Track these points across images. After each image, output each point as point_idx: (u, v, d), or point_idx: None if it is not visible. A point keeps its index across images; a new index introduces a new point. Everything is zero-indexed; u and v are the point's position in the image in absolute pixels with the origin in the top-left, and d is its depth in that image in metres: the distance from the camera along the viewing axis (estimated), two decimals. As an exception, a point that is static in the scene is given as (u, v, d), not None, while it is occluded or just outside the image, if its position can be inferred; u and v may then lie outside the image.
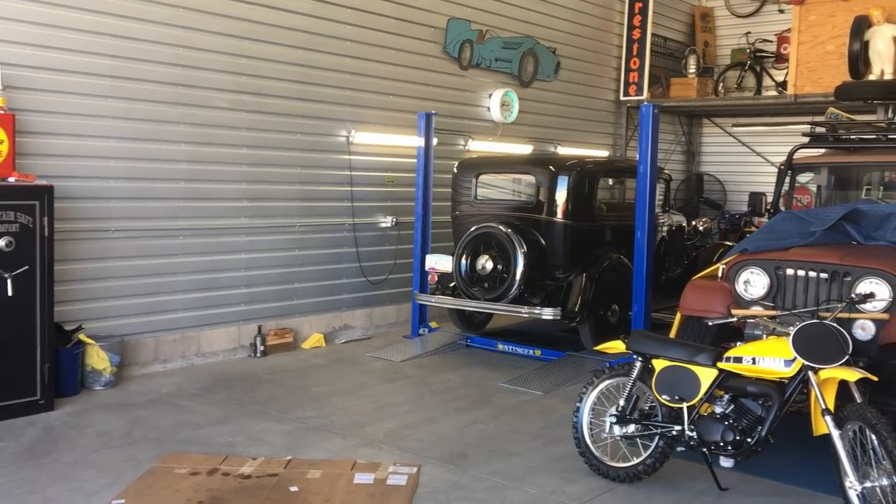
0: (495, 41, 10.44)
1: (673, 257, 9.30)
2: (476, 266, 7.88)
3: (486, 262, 7.79)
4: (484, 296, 7.82)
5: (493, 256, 7.78)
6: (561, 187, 7.83)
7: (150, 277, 7.20)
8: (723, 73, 13.19)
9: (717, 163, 14.21)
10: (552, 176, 7.88)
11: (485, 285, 7.83)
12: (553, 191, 7.84)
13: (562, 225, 7.83)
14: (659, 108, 7.33)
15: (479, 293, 7.86)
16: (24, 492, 4.56)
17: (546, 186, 7.89)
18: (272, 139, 8.05)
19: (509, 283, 7.65)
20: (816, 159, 7.51)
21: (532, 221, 7.93)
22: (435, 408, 6.38)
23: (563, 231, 7.83)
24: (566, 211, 7.83)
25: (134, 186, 7.04)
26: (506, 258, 7.70)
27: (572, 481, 4.94)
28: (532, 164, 8.47)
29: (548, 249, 7.86)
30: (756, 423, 4.54)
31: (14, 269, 5.70)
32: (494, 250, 7.79)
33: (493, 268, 7.76)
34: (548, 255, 7.87)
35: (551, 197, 7.85)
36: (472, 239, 7.94)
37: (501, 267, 7.73)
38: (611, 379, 5.07)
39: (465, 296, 7.99)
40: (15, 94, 6.16)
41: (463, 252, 7.98)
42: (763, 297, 5.46)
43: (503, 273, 7.72)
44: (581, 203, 7.92)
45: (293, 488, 4.66)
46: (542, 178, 7.97)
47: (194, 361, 7.52)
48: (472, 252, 7.93)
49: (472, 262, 7.93)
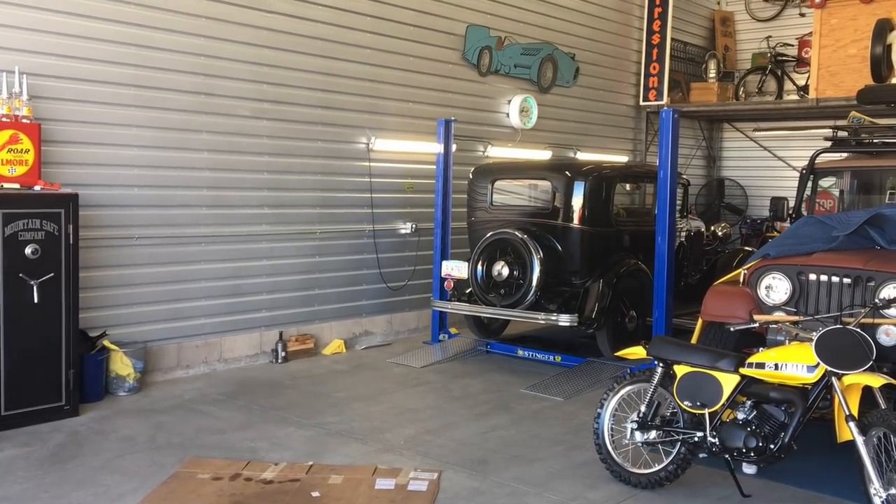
0: (514, 47, 10.46)
1: (692, 263, 9.21)
2: (492, 272, 7.86)
3: (503, 269, 7.78)
4: (500, 302, 7.80)
5: (508, 263, 7.75)
6: (577, 193, 7.79)
7: (173, 284, 7.28)
8: (743, 77, 13.13)
9: (738, 167, 14.12)
10: (568, 181, 7.85)
11: (501, 292, 7.81)
12: (569, 196, 7.81)
13: (578, 231, 7.80)
14: (679, 112, 7.30)
15: (495, 299, 7.83)
16: (50, 496, 4.62)
17: (562, 192, 7.86)
18: (293, 147, 8.12)
19: (525, 289, 7.62)
20: (839, 163, 7.46)
21: (548, 227, 7.91)
22: (455, 413, 6.39)
23: (580, 237, 7.80)
24: (583, 217, 7.79)
25: (157, 194, 7.12)
26: (522, 264, 7.68)
27: (594, 487, 4.93)
28: (548, 169, 8.45)
29: (564, 255, 7.83)
30: (779, 430, 4.51)
31: (40, 277, 5.78)
32: (510, 256, 7.76)
33: (510, 274, 7.74)
34: (564, 262, 7.83)
35: (567, 202, 7.82)
36: (487, 245, 7.93)
37: (518, 273, 7.71)
38: (632, 385, 5.05)
39: (482, 302, 7.96)
40: (40, 103, 6.26)
41: (479, 258, 7.96)
42: (785, 303, 5.42)
43: (519, 279, 7.70)
44: (598, 209, 7.88)
45: (315, 493, 4.69)
46: (558, 184, 7.94)
47: (217, 367, 7.58)
48: (488, 258, 7.91)
49: (488, 268, 7.90)
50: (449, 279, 8.23)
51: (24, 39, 6.27)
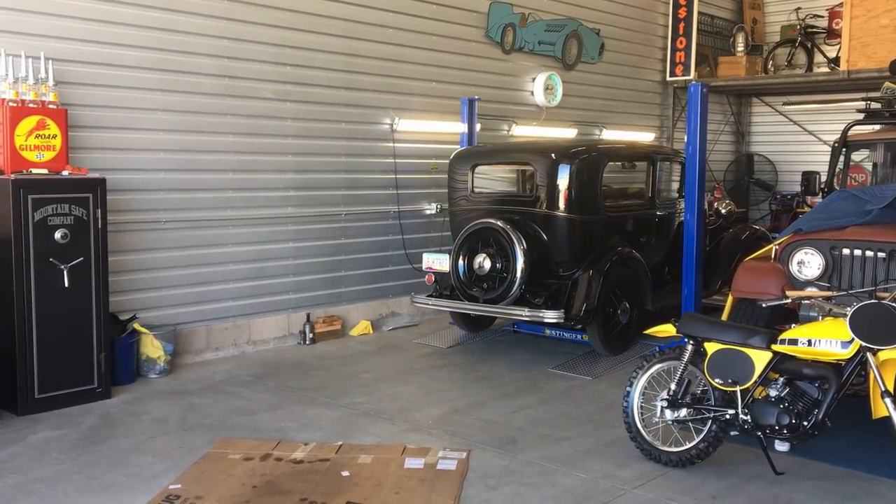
0: (538, 24, 10.34)
1: None
2: (473, 265, 7.31)
3: (484, 261, 7.19)
4: (483, 296, 7.23)
5: (491, 255, 7.17)
6: (562, 177, 7.15)
7: (201, 267, 7.32)
8: (772, 50, 12.88)
9: (767, 142, 13.90)
10: (552, 165, 7.21)
11: (484, 286, 7.25)
12: (554, 181, 7.18)
13: (564, 218, 7.19)
14: (708, 87, 7.17)
15: (478, 294, 7.26)
16: (84, 477, 4.68)
17: (546, 177, 7.23)
18: (317, 128, 8.11)
19: (509, 282, 7.06)
20: (872, 136, 7.32)
21: (532, 215, 7.30)
22: (483, 393, 6.38)
23: (566, 225, 7.21)
24: (569, 203, 7.16)
25: (183, 178, 7.15)
26: (505, 256, 7.12)
27: (624, 466, 4.90)
28: (531, 152, 7.76)
29: (550, 245, 7.24)
30: (812, 406, 4.45)
31: (70, 261, 5.84)
32: (493, 248, 7.19)
33: (492, 267, 7.16)
34: (550, 252, 7.25)
35: (552, 188, 7.19)
36: (468, 236, 7.37)
37: (501, 266, 7.14)
38: (661, 363, 5.00)
39: (464, 297, 7.38)
40: (67, 89, 6.29)
41: (460, 250, 7.39)
42: (818, 278, 5.34)
43: (502, 272, 7.13)
44: (585, 194, 7.26)
45: (345, 473, 4.72)
46: (541, 168, 7.30)
47: (245, 349, 7.64)
48: (470, 250, 7.35)
49: (469, 260, 7.34)
50: (430, 272, 7.74)
51: (49, 25, 6.29)
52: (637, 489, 4.59)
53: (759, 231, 9.18)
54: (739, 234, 8.93)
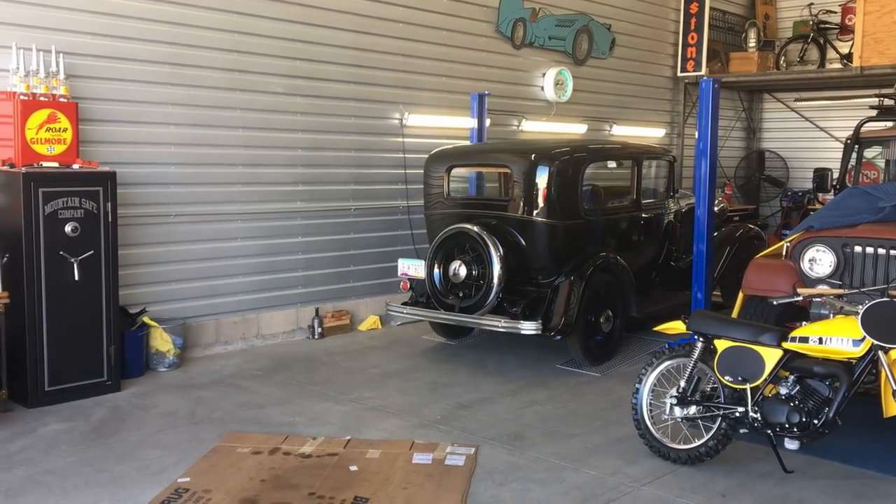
0: (549, 19, 10.30)
1: (684, 243, 8.30)
2: (449, 272, 6.99)
3: (459, 268, 6.87)
4: (459, 305, 6.90)
5: (466, 261, 6.85)
6: (541, 179, 6.79)
7: (210, 261, 7.34)
8: (784, 46, 12.81)
9: (778, 139, 13.83)
10: (531, 166, 6.84)
11: (460, 293, 6.93)
12: (532, 183, 6.81)
13: (543, 223, 6.83)
14: (719, 83, 7.13)
15: (454, 302, 6.95)
16: (94, 470, 4.70)
17: (524, 179, 6.86)
18: (327, 123, 8.10)
19: (485, 290, 6.73)
20: (885, 133, 7.27)
21: (510, 220, 6.95)
22: (491, 389, 6.37)
23: (545, 230, 6.85)
24: (548, 206, 6.80)
25: (193, 172, 7.16)
26: (481, 263, 6.79)
27: (633, 462, 4.88)
28: (508, 153, 7.41)
29: (528, 251, 6.89)
30: (823, 405, 4.42)
31: (80, 254, 5.85)
32: (468, 254, 6.87)
33: (468, 274, 6.84)
34: (529, 258, 6.91)
35: (530, 190, 6.82)
36: (443, 241, 7.03)
37: (477, 273, 6.82)
38: (671, 360, 4.98)
39: (440, 306, 7.06)
40: (77, 82, 6.31)
41: (434, 257, 7.07)
42: (830, 276, 5.31)
43: (479, 280, 6.81)
44: (565, 196, 6.89)
45: (353, 467, 4.72)
46: (519, 170, 6.93)
47: (254, 343, 7.65)
48: (445, 257, 7.03)
49: (444, 267, 7.03)
50: (405, 279, 7.42)
51: (60, 19, 6.30)
52: (646, 486, 4.57)
53: (753, 230, 8.94)
54: (733, 232, 8.74)
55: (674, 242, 8.27)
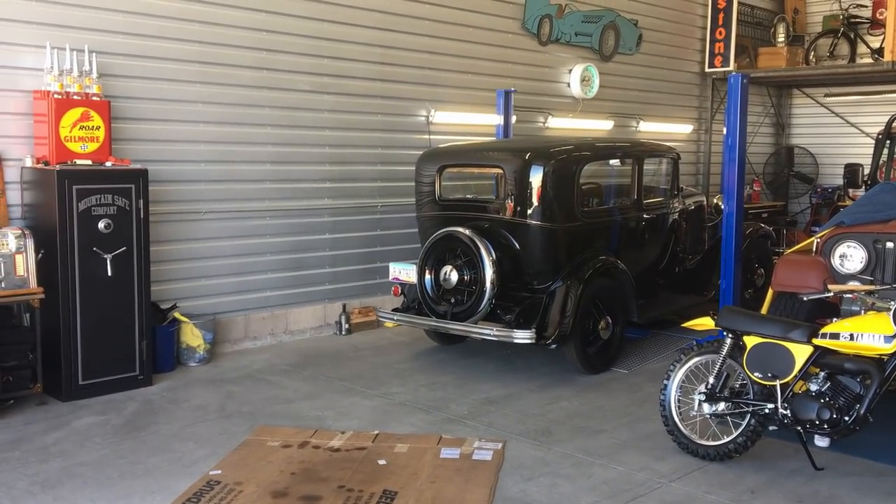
0: (575, 15, 10.27)
1: (690, 243, 8.13)
2: (440, 278, 6.71)
3: (451, 274, 6.58)
4: (451, 311, 6.62)
5: (458, 266, 6.56)
6: (535, 180, 6.48)
7: (240, 257, 7.42)
8: (814, 41, 12.64)
9: (808, 135, 13.67)
10: (525, 166, 6.53)
11: (451, 300, 6.64)
12: (526, 184, 6.50)
13: (538, 226, 6.54)
14: (748, 78, 7.08)
15: (446, 309, 6.66)
16: (128, 462, 4.78)
17: (518, 179, 6.55)
18: (354, 120, 8.15)
19: (478, 297, 6.44)
20: (917, 128, 7.17)
21: (503, 222, 6.65)
22: (517, 384, 6.39)
23: (540, 233, 6.56)
24: (544, 208, 6.50)
25: (222, 169, 7.24)
26: (473, 268, 6.51)
27: (661, 459, 4.88)
28: (501, 152, 7.16)
29: (523, 256, 6.59)
30: (854, 402, 4.39)
31: (113, 250, 5.95)
32: (460, 259, 6.58)
33: (460, 279, 6.56)
34: (523, 263, 6.60)
35: (524, 192, 6.52)
36: (433, 245, 6.74)
37: (469, 278, 6.54)
38: (699, 356, 4.97)
39: (431, 313, 6.77)
40: (110, 81, 6.40)
41: (425, 262, 6.78)
42: (861, 272, 5.27)
43: (471, 285, 6.53)
44: (561, 198, 6.59)
45: (381, 461, 4.75)
46: (512, 170, 6.60)
47: (283, 339, 7.72)
48: (436, 261, 6.74)
49: (436, 273, 6.75)
50: (396, 284, 7.21)
51: (93, 18, 6.40)
52: (674, 482, 4.56)
53: (763, 228, 8.65)
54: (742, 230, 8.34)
55: (679, 243, 7.99)
